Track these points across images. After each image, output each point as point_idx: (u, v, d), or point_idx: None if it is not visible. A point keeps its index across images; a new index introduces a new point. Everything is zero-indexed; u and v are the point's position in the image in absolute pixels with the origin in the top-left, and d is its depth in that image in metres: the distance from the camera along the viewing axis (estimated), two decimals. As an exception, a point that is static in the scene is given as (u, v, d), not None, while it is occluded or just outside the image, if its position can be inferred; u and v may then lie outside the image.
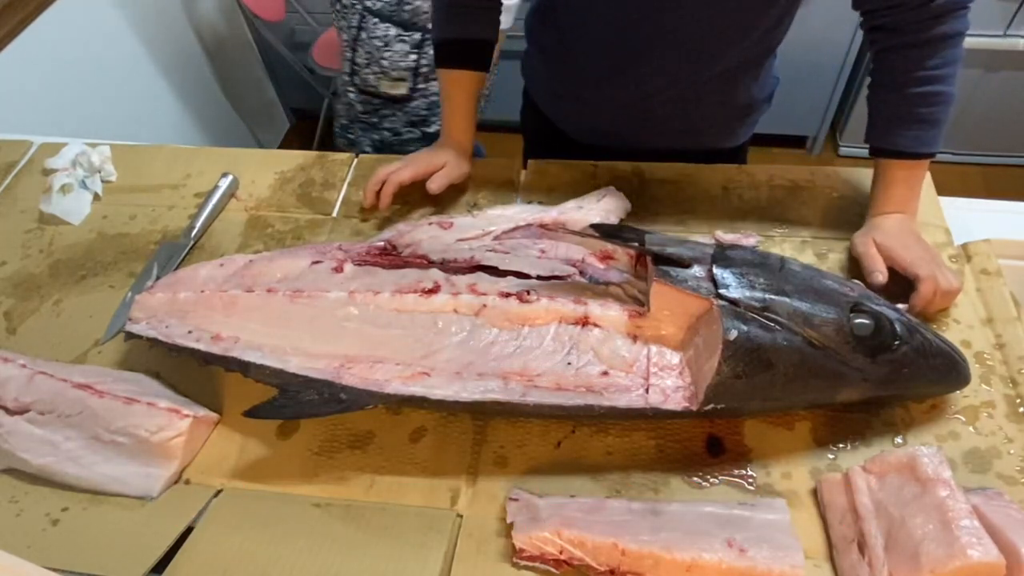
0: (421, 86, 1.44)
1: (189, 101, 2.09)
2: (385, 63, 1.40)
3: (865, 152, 0.81)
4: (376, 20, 1.37)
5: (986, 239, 0.81)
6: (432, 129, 1.47)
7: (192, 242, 0.93)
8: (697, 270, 0.67)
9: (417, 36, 1.39)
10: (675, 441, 0.69)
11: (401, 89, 1.43)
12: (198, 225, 0.94)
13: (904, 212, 0.80)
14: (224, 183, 0.98)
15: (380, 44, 1.38)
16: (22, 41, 1.50)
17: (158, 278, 0.87)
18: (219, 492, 0.70)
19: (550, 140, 1.12)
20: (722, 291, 0.64)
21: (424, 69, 1.42)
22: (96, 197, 1.02)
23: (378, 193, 0.91)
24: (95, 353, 0.83)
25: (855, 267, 0.80)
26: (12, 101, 1.47)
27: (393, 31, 1.37)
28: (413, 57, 1.39)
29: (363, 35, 1.39)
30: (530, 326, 0.68)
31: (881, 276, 0.75)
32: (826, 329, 0.63)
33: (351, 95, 1.49)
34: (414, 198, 0.96)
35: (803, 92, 2.12)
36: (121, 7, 1.78)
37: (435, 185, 0.90)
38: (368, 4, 1.37)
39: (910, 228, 0.79)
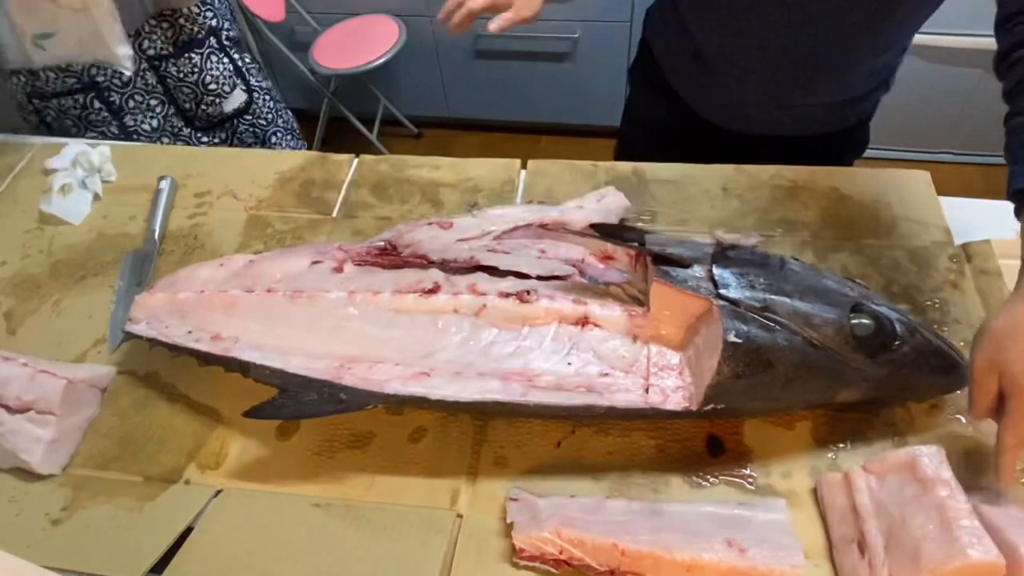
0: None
1: (189, 101, 2.09)
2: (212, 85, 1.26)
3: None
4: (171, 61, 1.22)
5: (986, 239, 0.81)
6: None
7: (158, 245, 0.94)
8: (697, 270, 0.67)
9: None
10: (675, 441, 0.69)
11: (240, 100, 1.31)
12: (157, 229, 0.95)
13: None
14: (165, 185, 0.99)
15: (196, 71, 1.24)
16: (22, 41, 1.49)
17: (139, 284, 0.88)
18: (219, 492, 0.70)
19: (673, 121, 1.07)
20: (722, 291, 0.64)
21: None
22: (96, 197, 1.02)
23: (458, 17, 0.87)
24: (95, 353, 0.83)
25: (855, 268, 0.80)
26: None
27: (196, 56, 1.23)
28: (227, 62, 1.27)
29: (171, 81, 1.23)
30: (530, 326, 0.68)
31: (972, 417, 0.60)
32: (826, 329, 0.63)
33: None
34: (414, 198, 0.96)
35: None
36: (121, 7, 1.78)
37: (495, 26, 0.86)
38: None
39: None
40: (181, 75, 1.22)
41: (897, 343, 0.64)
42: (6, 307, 0.89)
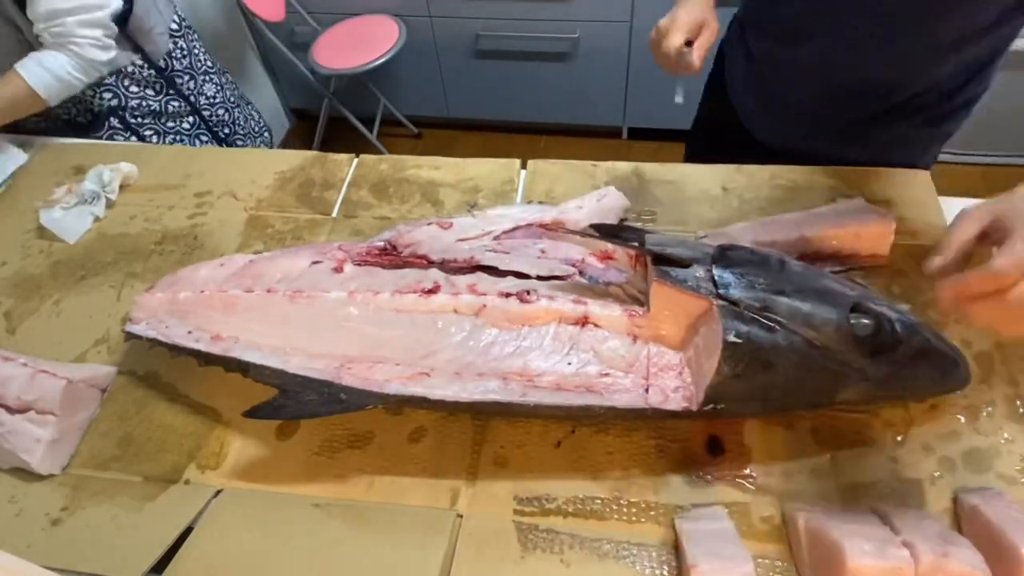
0: None
1: (189, 101, 2.09)
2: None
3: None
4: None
5: (986, 239, 0.81)
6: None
7: None
8: (697, 270, 0.67)
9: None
10: (675, 441, 0.69)
11: None
12: None
13: None
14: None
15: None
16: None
17: None
18: (219, 492, 0.70)
19: (731, 137, 1.08)
20: (722, 291, 0.64)
21: None
22: (96, 219, 0.99)
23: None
24: (95, 353, 0.83)
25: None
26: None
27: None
28: None
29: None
30: (530, 326, 0.68)
31: (939, 259, 0.56)
32: (826, 329, 0.63)
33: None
34: (414, 198, 0.96)
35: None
36: (121, 7, 1.78)
37: (698, 61, 0.83)
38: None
39: None
40: None
41: (897, 343, 0.64)
42: (6, 307, 0.89)
